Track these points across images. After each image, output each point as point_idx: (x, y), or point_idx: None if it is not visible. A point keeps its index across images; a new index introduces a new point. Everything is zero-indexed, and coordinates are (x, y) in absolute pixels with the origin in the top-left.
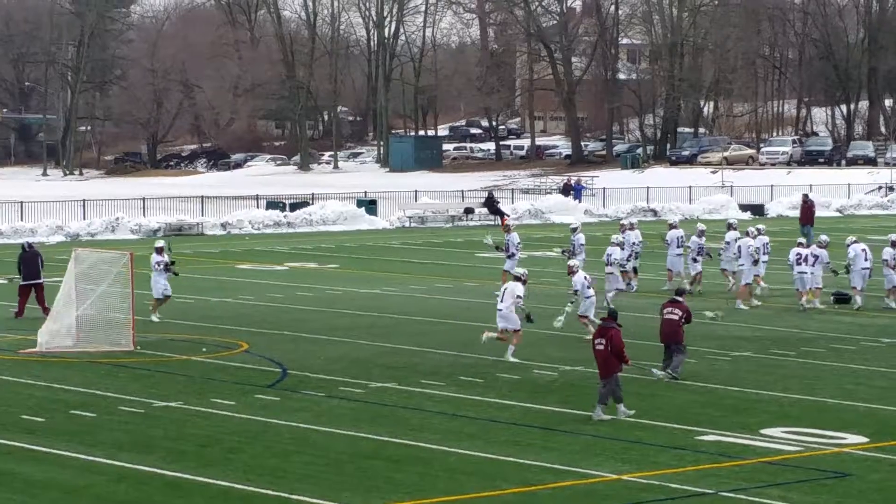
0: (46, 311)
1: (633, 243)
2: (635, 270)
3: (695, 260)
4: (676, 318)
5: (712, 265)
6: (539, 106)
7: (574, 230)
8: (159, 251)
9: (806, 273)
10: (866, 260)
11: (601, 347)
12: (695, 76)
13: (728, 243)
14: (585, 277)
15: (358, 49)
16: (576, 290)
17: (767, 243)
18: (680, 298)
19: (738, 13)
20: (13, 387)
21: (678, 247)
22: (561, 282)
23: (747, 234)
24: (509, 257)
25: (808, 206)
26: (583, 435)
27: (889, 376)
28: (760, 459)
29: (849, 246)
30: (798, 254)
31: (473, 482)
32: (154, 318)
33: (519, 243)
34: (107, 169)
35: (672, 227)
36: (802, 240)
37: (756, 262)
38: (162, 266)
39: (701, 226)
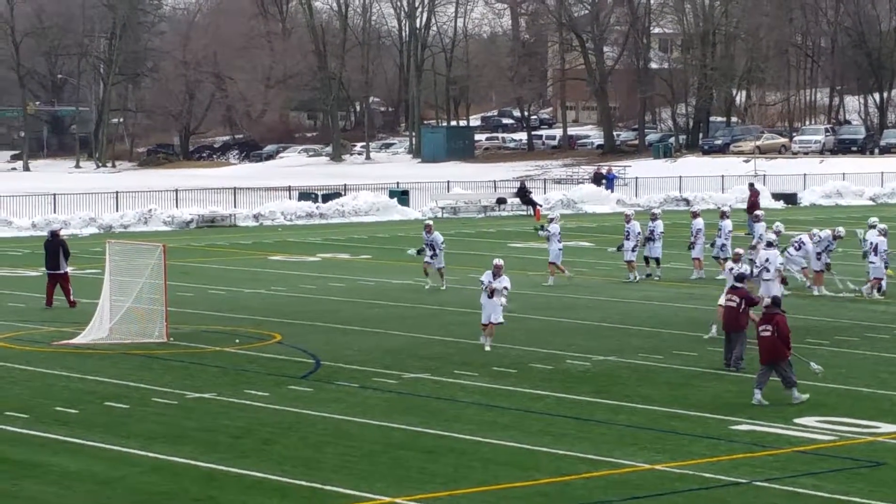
0: (72, 303)
1: (638, 233)
2: (651, 260)
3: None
4: (735, 304)
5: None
6: (571, 96)
7: (654, 217)
8: None
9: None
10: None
11: (767, 334)
12: (727, 65)
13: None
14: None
15: (389, 40)
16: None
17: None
18: (739, 284)
19: (770, 1)
20: (47, 378)
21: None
22: (591, 271)
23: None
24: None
25: (754, 195)
26: (616, 425)
27: None
28: (794, 449)
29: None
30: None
31: (507, 472)
32: None
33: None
34: (139, 161)
35: (695, 215)
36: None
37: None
38: None
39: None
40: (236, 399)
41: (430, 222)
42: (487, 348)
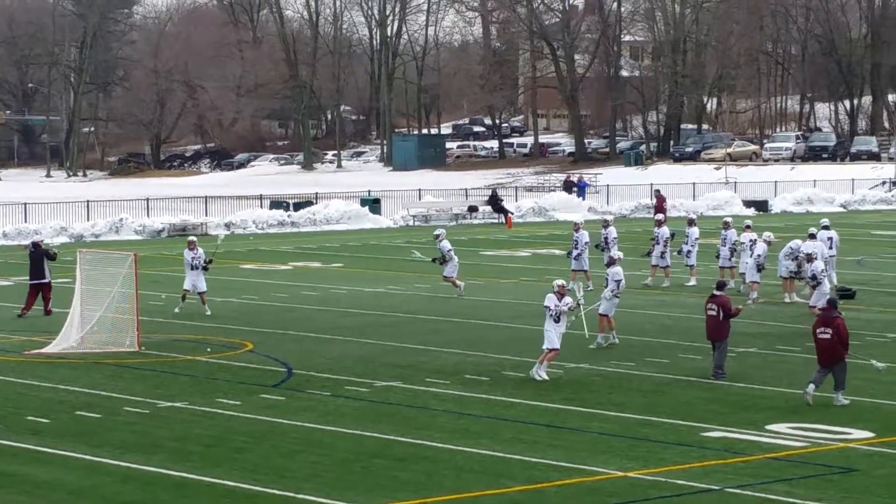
0: (48, 312)
1: (586, 242)
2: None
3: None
4: (714, 313)
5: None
6: (542, 103)
7: (606, 224)
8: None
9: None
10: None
11: (826, 336)
12: (698, 72)
13: (725, 240)
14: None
15: (360, 48)
16: (617, 282)
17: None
18: (718, 293)
19: (741, 9)
20: (18, 388)
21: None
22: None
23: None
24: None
25: (659, 202)
26: (589, 432)
27: (895, 372)
28: (766, 455)
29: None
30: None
31: (480, 480)
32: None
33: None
34: (110, 170)
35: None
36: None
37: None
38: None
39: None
40: (208, 408)
41: (440, 231)
42: (544, 376)
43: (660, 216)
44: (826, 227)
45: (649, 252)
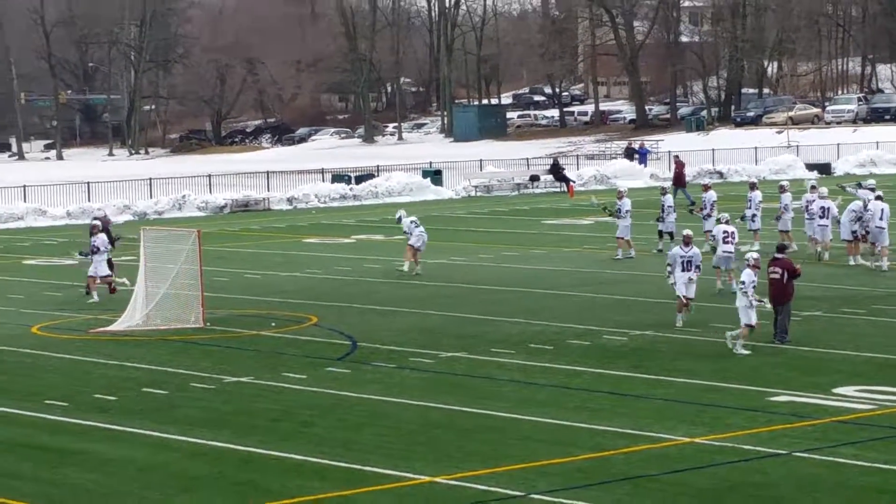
0: (113, 290)
1: (628, 210)
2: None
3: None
4: (777, 276)
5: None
6: (602, 71)
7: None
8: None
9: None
10: (881, 219)
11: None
12: (758, 36)
13: (785, 206)
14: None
15: (419, 20)
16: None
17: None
18: (780, 255)
19: None
20: (85, 366)
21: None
22: (648, 244)
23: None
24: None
25: (679, 168)
26: (654, 399)
27: None
28: (833, 419)
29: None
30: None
31: (546, 449)
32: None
33: (628, 210)
34: (172, 147)
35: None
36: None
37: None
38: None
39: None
40: (274, 382)
41: (400, 213)
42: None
43: (666, 185)
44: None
45: (705, 216)
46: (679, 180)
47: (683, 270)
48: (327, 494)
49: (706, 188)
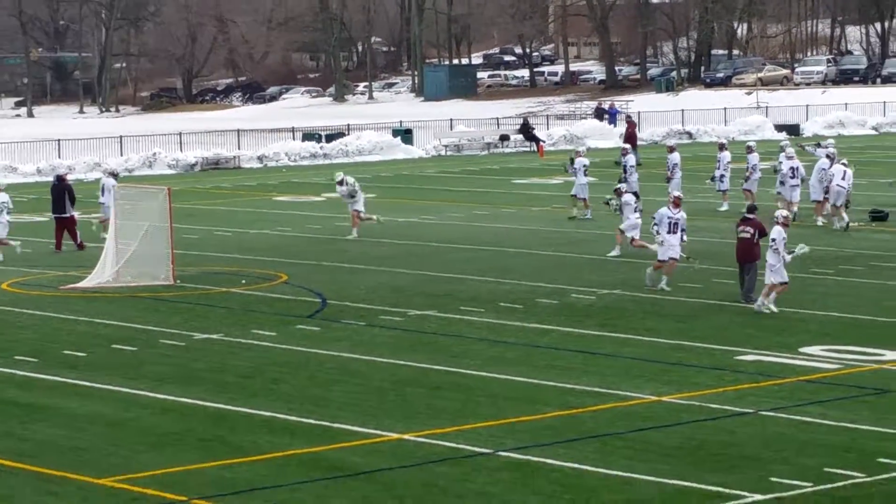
0: (80, 246)
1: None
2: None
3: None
4: (748, 235)
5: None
6: (572, 32)
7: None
8: None
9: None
10: (843, 179)
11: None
12: None
13: (753, 167)
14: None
15: None
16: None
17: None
18: (751, 216)
19: None
20: (55, 322)
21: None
22: (596, 206)
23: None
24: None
25: (630, 129)
26: (622, 357)
27: None
28: (800, 378)
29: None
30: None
31: (515, 407)
32: None
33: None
34: (143, 105)
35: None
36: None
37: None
38: None
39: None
40: (244, 339)
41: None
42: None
43: (626, 146)
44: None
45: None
46: (631, 139)
47: (670, 232)
48: (297, 451)
49: (671, 150)
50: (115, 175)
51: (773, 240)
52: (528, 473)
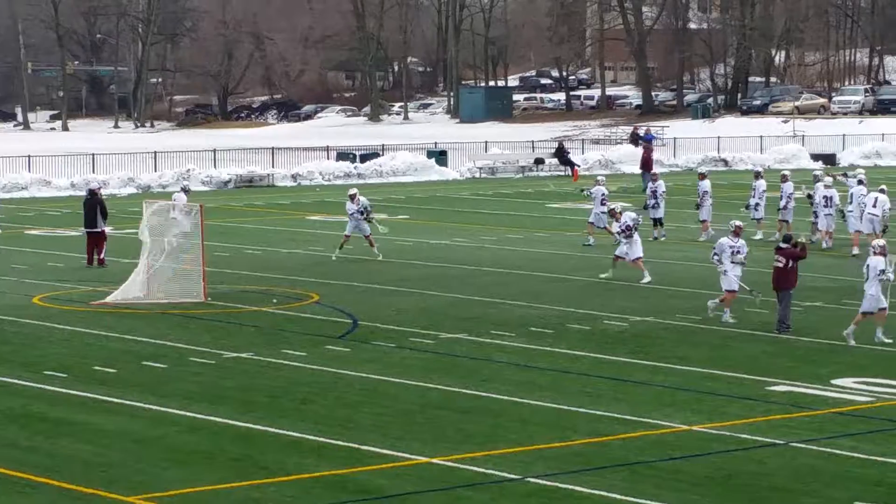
0: (101, 261)
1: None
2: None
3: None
4: (781, 265)
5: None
6: (609, 56)
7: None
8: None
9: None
10: (875, 206)
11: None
12: (766, 25)
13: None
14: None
15: (428, 0)
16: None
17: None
18: (784, 245)
19: None
20: (86, 338)
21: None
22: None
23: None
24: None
25: (647, 154)
26: (653, 386)
27: None
28: (832, 410)
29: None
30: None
31: (544, 433)
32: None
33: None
34: (178, 121)
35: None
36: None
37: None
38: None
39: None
40: (273, 359)
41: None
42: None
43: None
44: (881, 191)
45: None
46: (647, 165)
47: (732, 262)
48: (324, 472)
49: (702, 177)
50: (185, 191)
51: (871, 267)
52: (557, 500)
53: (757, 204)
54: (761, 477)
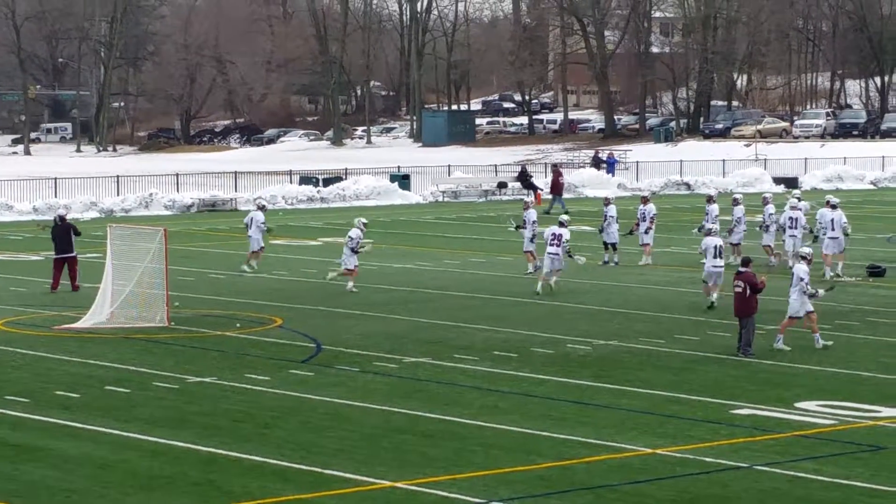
0: (76, 287)
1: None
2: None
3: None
4: (741, 290)
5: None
6: (572, 80)
7: (526, 206)
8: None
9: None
10: (833, 229)
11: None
12: (728, 49)
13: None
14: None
15: (391, 24)
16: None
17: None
18: (744, 269)
19: None
20: (48, 363)
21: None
22: (594, 255)
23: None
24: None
25: (556, 177)
26: (617, 409)
27: None
28: (795, 433)
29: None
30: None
31: (508, 457)
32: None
33: (534, 221)
34: (140, 145)
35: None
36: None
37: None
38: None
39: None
40: (237, 383)
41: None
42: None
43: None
44: (833, 206)
45: (631, 231)
46: (556, 188)
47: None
48: (289, 497)
49: (644, 200)
50: (263, 209)
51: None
52: None
53: (732, 230)
54: (725, 500)
